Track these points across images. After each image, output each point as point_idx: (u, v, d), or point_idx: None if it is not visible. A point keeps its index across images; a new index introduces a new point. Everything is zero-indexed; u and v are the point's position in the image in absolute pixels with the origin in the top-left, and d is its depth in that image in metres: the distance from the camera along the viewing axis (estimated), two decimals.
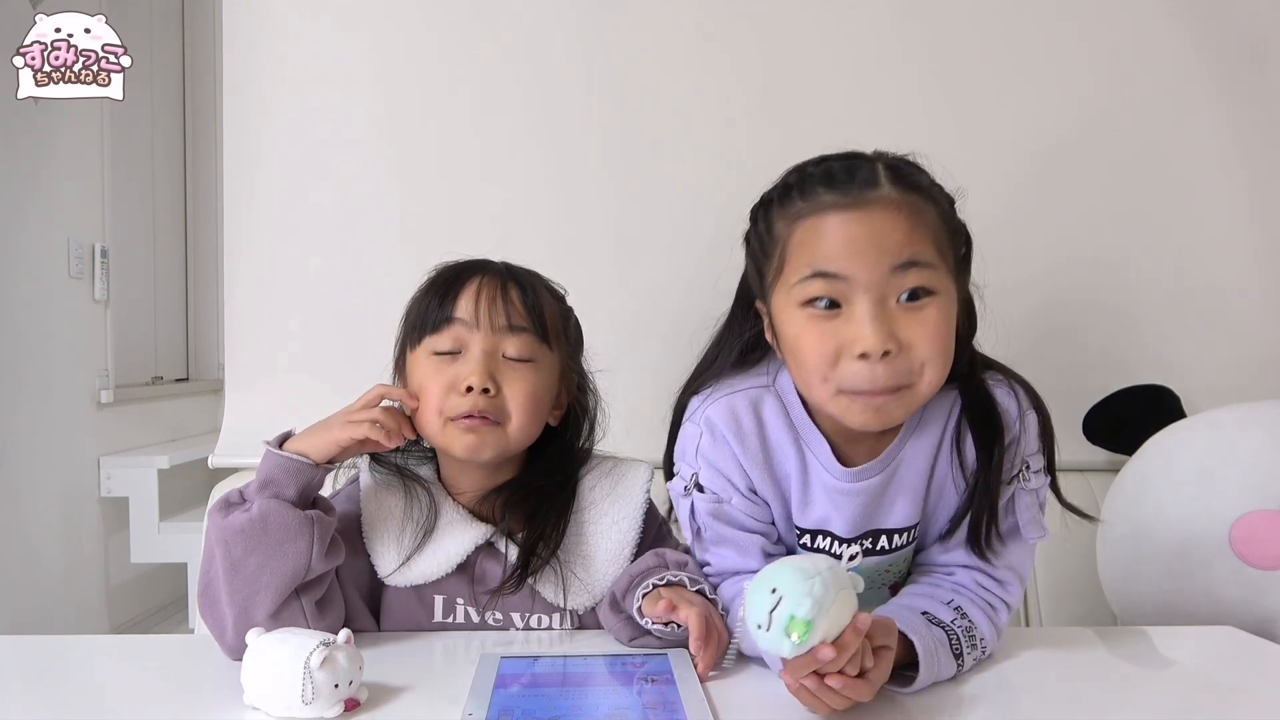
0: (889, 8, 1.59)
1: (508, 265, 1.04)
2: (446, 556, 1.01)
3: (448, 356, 0.98)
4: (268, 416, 1.59)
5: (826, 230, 0.84)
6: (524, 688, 0.83)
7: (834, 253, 0.83)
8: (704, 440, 0.96)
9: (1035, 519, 0.92)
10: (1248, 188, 1.60)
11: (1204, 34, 1.59)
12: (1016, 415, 0.92)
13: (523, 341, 0.98)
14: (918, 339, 0.82)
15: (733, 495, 0.95)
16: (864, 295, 0.82)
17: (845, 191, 0.84)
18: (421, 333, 1.00)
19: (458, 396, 0.96)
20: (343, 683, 0.77)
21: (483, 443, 0.97)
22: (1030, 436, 0.92)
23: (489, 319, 0.97)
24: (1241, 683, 0.94)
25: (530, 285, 1.01)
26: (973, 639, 0.88)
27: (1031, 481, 0.92)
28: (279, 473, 0.93)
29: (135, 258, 2.90)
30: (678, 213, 1.57)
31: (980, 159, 1.59)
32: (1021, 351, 1.59)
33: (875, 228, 0.82)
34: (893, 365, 0.82)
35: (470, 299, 0.98)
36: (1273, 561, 1.20)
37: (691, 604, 0.88)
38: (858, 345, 0.82)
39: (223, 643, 0.93)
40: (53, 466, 2.39)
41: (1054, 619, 1.44)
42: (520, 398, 0.97)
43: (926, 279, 0.83)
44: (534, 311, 0.99)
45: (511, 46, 1.57)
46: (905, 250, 0.82)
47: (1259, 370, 1.57)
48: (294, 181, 1.57)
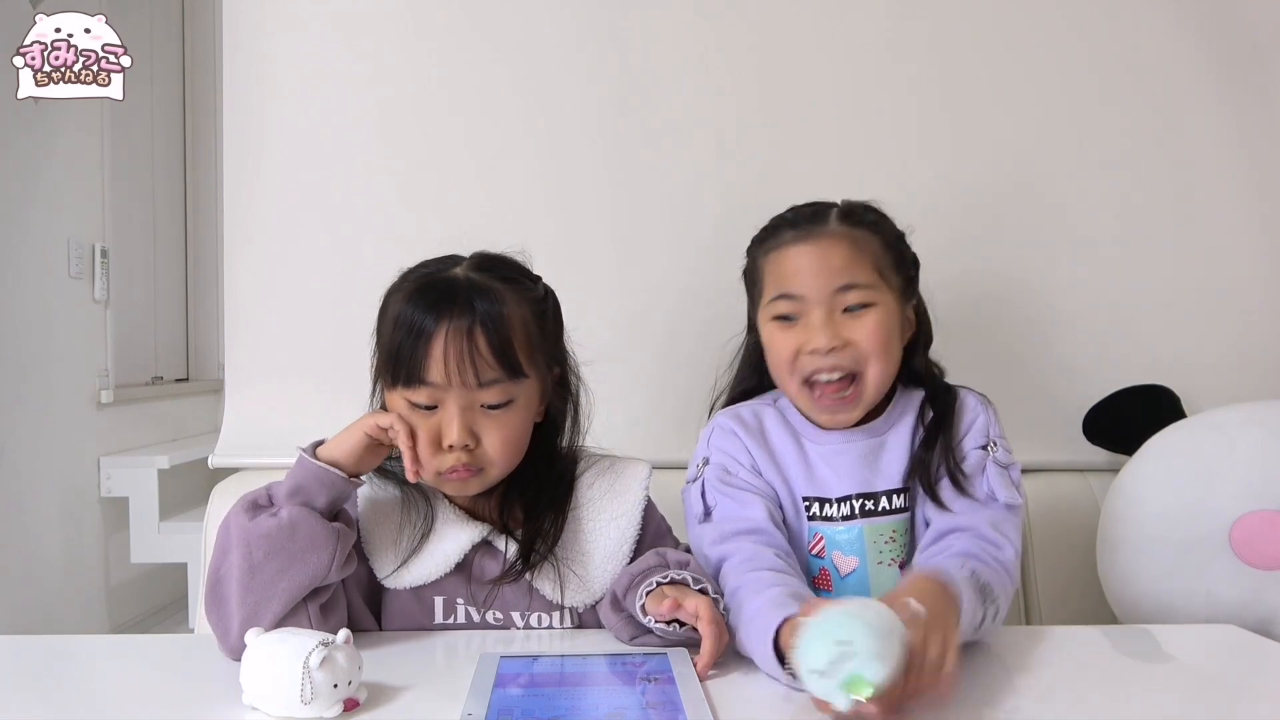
0: (886, 9, 1.58)
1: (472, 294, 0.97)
2: (445, 556, 1.01)
3: (426, 409, 0.97)
4: (268, 416, 1.60)
5: (787, 259, 1.09)
6: (523, 687, 0.83)
7: (792, 276, 1.07)
8: (714, 434, 1.14)
9: (1006, 485, 1.06)
10: (1248, 187, 1.60)
11: (1206, 33, 1.59)
12: (982, 404, 1.13)
13: (497, 391, 0.97)
14: (859, 338, 1.05)
15: (739, 469, 1.10)
16: (816, 308, 1.06)
17: (801, 228, 1.09)
18: (393, 381, 0.98)
19: (442, 453, 0.97)
20: (342, 683, 0.77)
21: (468, 486, 1.00)
22: (993, 421, 1.12)
23: (460, 378, 0.95)
24: (1242, 681, 0.94)
25: (499, 324, 0.96)
26: (992, 596, 0.93)
27: (999, 455, 1.08)
28: (311, 481, 0.94)
29: (135, 258, 2.90)
30: (675, 214, 1.57)
31: (978, 159, 1.59)
32: (1022, 352, 1.60)
33: (822, 255, 1.07)
34: (840, 357, 1.05)
35: (439, 361, 0.94)
36: (1273, 561, 1.20)
37: (695, 599, 0.89)
38: (811, 343, 1.05)
39: (225, 642, 0.93)
40: (53, 466, 2.39)
41: (1054, 618, 1.44)
42: (499, 445, 0.98)
43: (864, 296, 1.06)
44: (504, 356, 0.96)
45: (510, 45, 1.57)
46: (846, 274, 1.05)
47: (1259, 370, 1.57)
48: (294, 182, 1.56)
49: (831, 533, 1.09)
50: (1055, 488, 1.49)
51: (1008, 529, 1.02)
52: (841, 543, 1.08)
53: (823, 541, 1.09)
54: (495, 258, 1.04)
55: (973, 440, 1.09)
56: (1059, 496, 1.49)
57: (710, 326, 1.28)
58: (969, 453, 1.08)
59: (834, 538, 1.09)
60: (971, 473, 1.07)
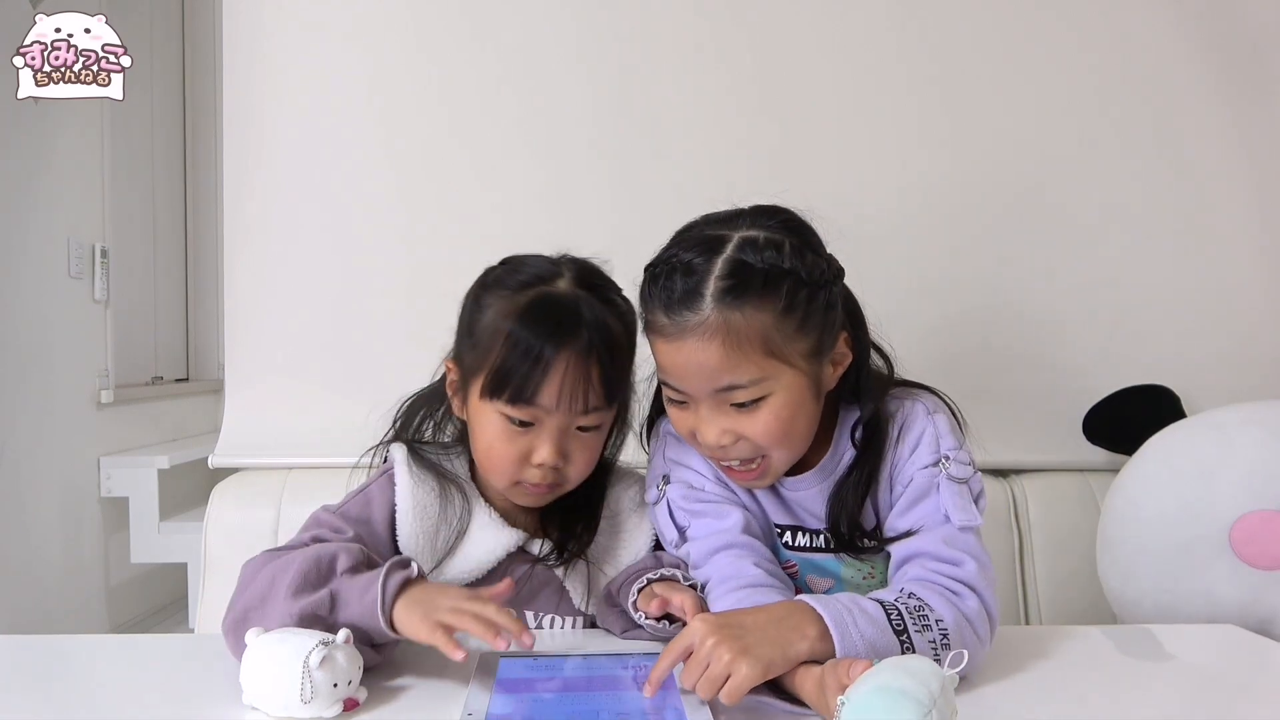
0: (886, 9, 1.58)
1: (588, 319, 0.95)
2: (478, 562, 1.01)
3: (521, 425, 0.96)
4: (268, 416, 1.60)
5: (660, 353, 0.94)
6: (523, 688, 0.83)
7: (669, 372, 0.94)
8: (667, 447, 1.04)
9: (962, 505, 0.94)
10: (1249, 187, 1.60)
11: (1206, 33, 1.59)
12: (926, 416, 0.99)
13: (595, 416, 0.98)
14: (753, 433, 0.92)
15: (704, 482, 1.01)
16: (701, 403, 0.93)
17: (670, 316, 0.91)
18: (495, 394, 0.95)
19: (530, 467, 0.97)
20: (341, 682, 0.76)
21: (544, 500, 1.01)
22: (944, 431, 0.98)
23: (569, 405, 0.95)
24: (1243, 681, 0.94)
25: (610, 351, 0.96)
26: (924, 618, 0.83)
27: (953, 470, 0.96)
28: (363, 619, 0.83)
29: (135, 258, 2.90)
30: (674, 213, 1.56)
31: (978, 159, 1.59)
32: (1022, 352, 1.60)
33: (693, 358, 0.90)
34: (738, 449, 0.93)
35: (555, 387, 0.93)
36: (1273, 561, 1.19)
37: (684, 594, 0.90)
38: (702, 436, 0.94)
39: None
40: (53, 466, 2.39)
41: (1054, 618, 1.44)
42: (582, 464, 0.99)
43: (749, 394, 0.91)
44: (610, 385, 0.97)
45: (510, 47, 1.57)
46: (722, 377, 0.90)
47: (1259, 370, 1.57)
48: (294, 182, 1.56)
49: (804, 562, 1.03)
50: (1055, 488, 1.50)
51: (964, 543, 0.92)
52: (815, 569, 1.03)
53: (795, 567, 1.03)
54: (596, 272, 1.03)
55: (920, 459, 0.97)
56: (1059, 496, 1.49)
57: None
58: (914, 475, 0.96)
59: (807, 565, 1.03)
60: (919, 496, 0.96)
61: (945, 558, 0.91)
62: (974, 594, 0.88)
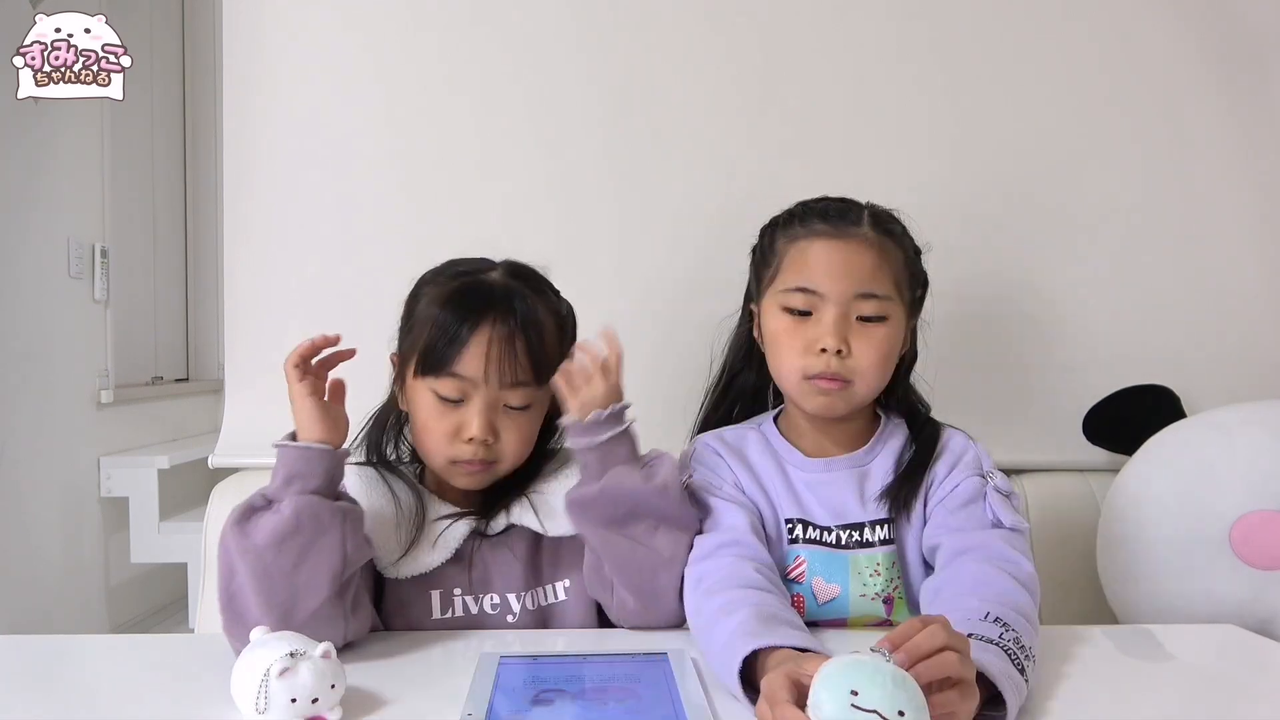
0: (889, 9, 1.58)
1: (514, 300, 1.02)
2: (443, 545, 1.04)
3: (450, 402, 1.02)
4: (268, 416, 1.58)
5: (813, 251, 1.05)
6: (523, 688, 0.83)
7: (816, 272, 1.04)
8: (695, 453, 1.14)
9: (1008, 510, 1.02)
10: (1249, 187, 1.60)
11: (1206, 33, 1.59)
12: (967, 440, 1.11)
13: (524, 393, 1.03)
14: (862, 349, 1.03)
15: (722, 484, 1.09)
16: (832, 308, 1.03)
17: (834, 225, 1.06)
18: (424, 370, 1.02)
19: (460, 443, 1.01)
20: (302, 697, 0.73)
21: (480, 480, 1.06)
22: (984, 455, 1.09)
23: (495, 377, 1.00)
24: (1243, 681, 0.94)
25: (537, 331, 1.02)
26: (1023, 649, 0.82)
27: (997, 482, 1.05)
28: (301, 464, 0.94)
29: (135, 258, 2.90)
30: (677, 213, 1.57)
31: (979, 160, 1.59)
32: (1022, 352, 1.60)
33: (850, 257, 1.04)
34: (842, 362, 1.03)
35: (478, 356, 1.00)
36: (1273, 561, 1.19)
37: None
38: (819, 342, 1.03)
39: None
40: (53, 466, 2.39)
41: (1054, 619, 1.44)
42: (514, 443, 1.04)
43: (880, 308, 1.04)
44: (538, 362, 1.02)
45: (512, 44, 1.57)
46: (869, 282, 1.03)
47: (1259, 370, 1.57)
48: (294, 181, 1.56)
49: (814, 556, 1.05)
50: (1055, 488, 1.50)
51: (1021, 544, 0.99)
52: (823, 569, 1.04)
53: (804, 565, 1.05)
54: (527, 269, 1.09)
55: (964, 470, 1.06)
56: (1059, 496, 1.49)
57: (710, 327, 1.28)
58: (962, 482, 1.05)
59: (816, 562, 1.05)
60: (968, 500, 1.04)
61: (1005, 556, 0.96)
62: (1032, 600, 0.93)
